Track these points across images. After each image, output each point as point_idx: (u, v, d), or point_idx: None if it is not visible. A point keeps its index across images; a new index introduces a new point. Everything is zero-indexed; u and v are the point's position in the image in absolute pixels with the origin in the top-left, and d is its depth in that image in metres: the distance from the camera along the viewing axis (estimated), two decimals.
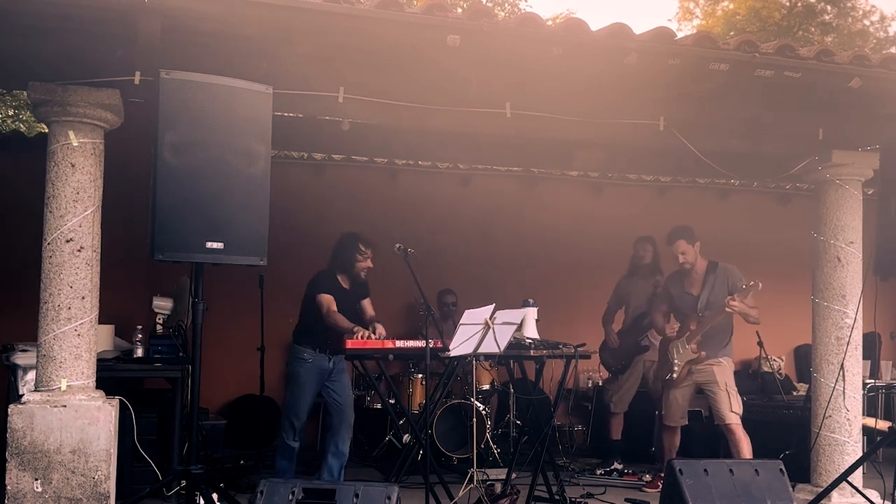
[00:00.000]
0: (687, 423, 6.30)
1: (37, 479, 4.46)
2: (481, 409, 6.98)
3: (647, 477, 6.68)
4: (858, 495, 5.05)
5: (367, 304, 5.88)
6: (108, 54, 4.53)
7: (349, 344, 5.09)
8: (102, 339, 5.48)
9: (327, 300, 5.56)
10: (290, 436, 5.70)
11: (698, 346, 5.96)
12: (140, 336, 5.69)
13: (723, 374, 5.94)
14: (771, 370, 8.15)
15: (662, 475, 5.12)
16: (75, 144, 4.67)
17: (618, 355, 7.21)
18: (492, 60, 4.71)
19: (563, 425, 8.18)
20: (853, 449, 5.70)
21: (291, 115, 5.79)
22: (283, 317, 7.76)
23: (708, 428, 6.86)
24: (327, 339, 5.57)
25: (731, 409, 5.86)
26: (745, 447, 5.79)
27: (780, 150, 6.05)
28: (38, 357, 4.67)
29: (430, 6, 4.30)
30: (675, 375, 6.09)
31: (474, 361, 6.58)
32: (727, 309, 5.74)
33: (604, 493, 6.23)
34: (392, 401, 6.70)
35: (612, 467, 7.02)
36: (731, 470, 4.40)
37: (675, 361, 6.08)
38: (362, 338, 5.16)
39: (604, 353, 7.33)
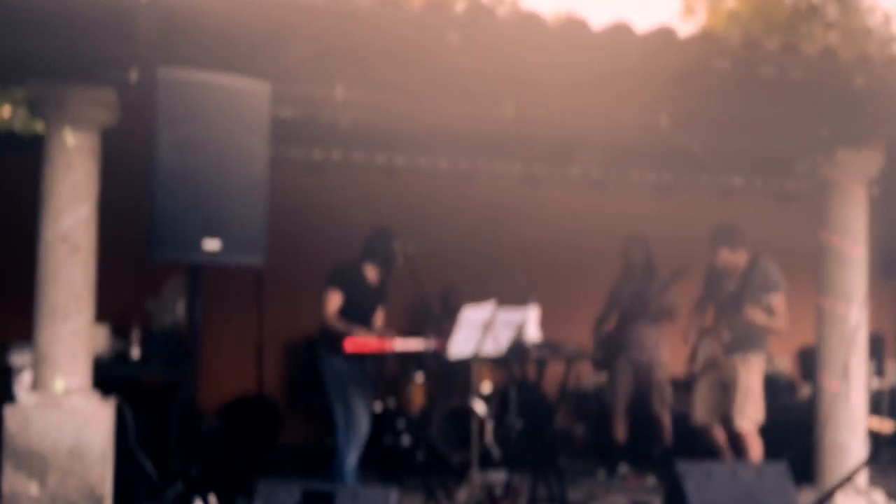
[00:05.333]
0: (713, 422, 5.90)
1: (33, 482, 4.42)
2: (481, 409, 6.93)
3: (652, 479, 6.63)
4: (863, 496, 5.01)
5: (379, 311, 5.74)
6: (105, 52, 4.49)
7: (349, 344, 5.04)
8: (99, 339, 5.44)
9: (334, 300, 5.42)
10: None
11: (723, 346, 5.73)
12: (137, 336, 5.65)
13: (747, 374, 5.64)
14: (775, 371, 8.11)
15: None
16: (71, 143, 4.63)
17: (605, 357, 7.10)
18: (492, 58, 4.67)
19: (565, 426, 8.14)
20: (858, 450, 5.65)
21: (290, 113, 5.76)
22: (282, 317, 7.76)
23: None
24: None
25: (745, 413, 5.60)
26: (755, 457, 5.54)
27: (784, 149, 6.01)
28: (33, 358, 4.63)
29: (429, 4, 4.26)
30: (696, 369, 5.90)
31: (474, 362, 6.54)
32: (744, 318, 5.56)
33: (606, 494, 6.19)
34: (392, 401, 6.66)
35: (616, 469, 6.98)
36: (735, 472, 4.36)
37: (699, 355, 5.90)
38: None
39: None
